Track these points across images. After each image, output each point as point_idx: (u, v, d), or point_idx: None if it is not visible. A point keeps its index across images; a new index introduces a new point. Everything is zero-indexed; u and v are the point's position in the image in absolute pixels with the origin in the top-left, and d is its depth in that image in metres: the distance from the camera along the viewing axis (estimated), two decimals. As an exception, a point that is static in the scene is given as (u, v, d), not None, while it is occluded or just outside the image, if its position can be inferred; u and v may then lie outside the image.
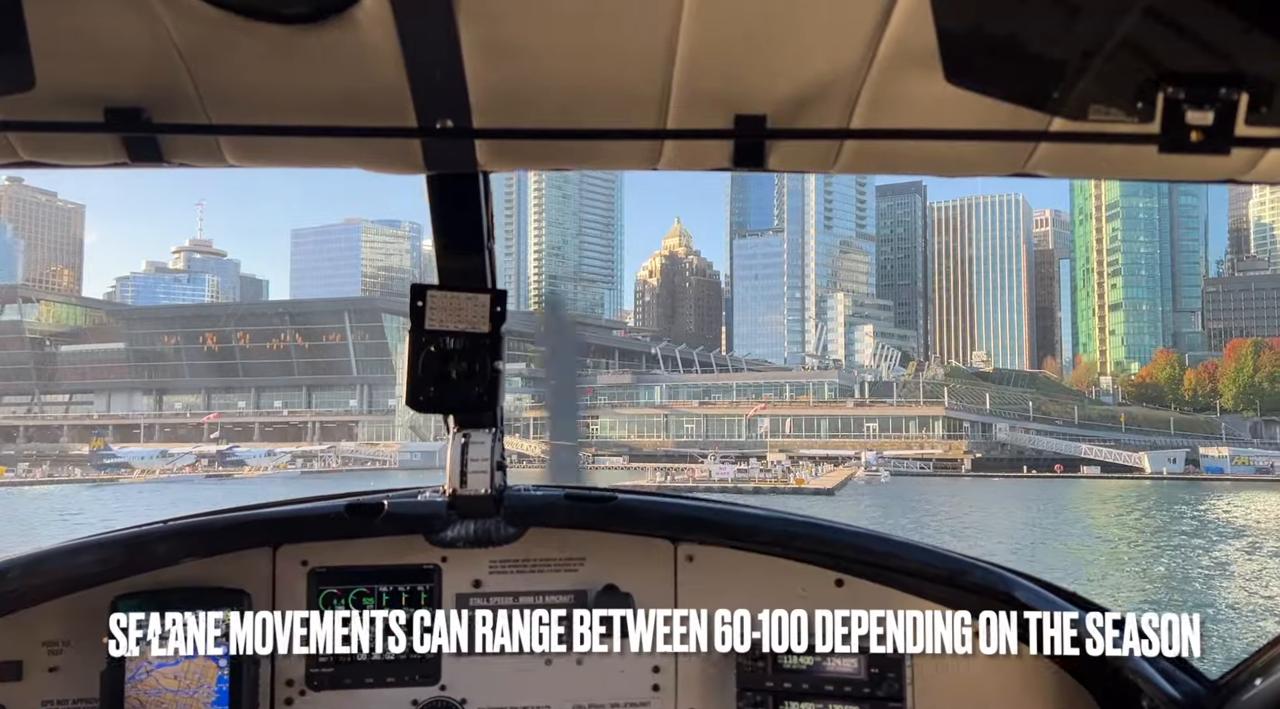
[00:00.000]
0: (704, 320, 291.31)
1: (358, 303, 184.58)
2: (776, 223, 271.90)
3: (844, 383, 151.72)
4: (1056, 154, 1.65)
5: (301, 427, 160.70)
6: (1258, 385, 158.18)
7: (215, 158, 1.75)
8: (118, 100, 1.62)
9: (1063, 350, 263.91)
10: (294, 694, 2.71)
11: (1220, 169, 1.60)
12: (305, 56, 1.51)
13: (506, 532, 2.67)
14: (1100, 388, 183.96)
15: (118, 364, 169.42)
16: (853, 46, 1.48)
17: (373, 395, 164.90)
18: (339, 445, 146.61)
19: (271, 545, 2.73)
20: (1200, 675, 2.48)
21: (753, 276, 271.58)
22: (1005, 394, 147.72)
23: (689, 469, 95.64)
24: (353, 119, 1.65)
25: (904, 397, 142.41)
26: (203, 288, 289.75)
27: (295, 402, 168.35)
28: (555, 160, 1.85)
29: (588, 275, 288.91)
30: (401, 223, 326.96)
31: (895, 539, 2.75)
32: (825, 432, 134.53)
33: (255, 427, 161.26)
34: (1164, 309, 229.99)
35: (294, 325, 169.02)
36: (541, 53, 1.52)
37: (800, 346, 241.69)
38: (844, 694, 2.59)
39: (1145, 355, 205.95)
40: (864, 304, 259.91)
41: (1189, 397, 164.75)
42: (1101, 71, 1.39)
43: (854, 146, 1.70)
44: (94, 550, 2.58)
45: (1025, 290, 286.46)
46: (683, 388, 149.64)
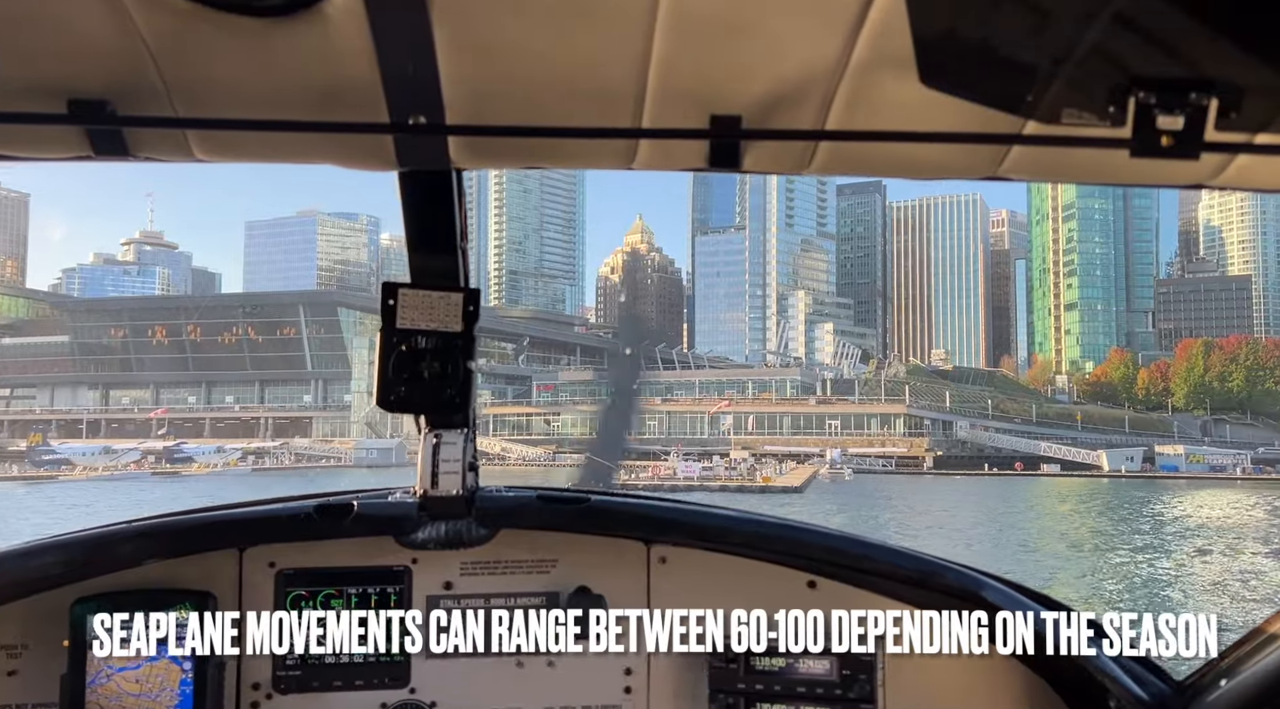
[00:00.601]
0: (665, 317, 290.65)
1: (313, 296, 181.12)
2: (738, 220, 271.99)
3: (806, 380, 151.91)
4: (1029, 158, 1.66)
5: (254, 422, 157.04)
6: (1208, 385, 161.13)
7: (183, 152, 1.72)
8: (81, 92, 1.59)
9: (1018, 349, 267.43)
10: (260, 698, 2.67)
11: (1190, 174, 1.61)
12: (276, 50, 1.49)
13: (478, 533, 2.65)
14: (1056, 386, 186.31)
15: (61, 358, 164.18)
16: (828, 48, 1.48)
17: (328, 391, 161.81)
18: (292, 442, 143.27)
19: (238, 547, 2.68)
20: (1166, 676, 2.50)
21: (714, 274, 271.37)
22: (964, 392, 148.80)
23: (653, 467, 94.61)
24: (324, 114, 1.62)
25: (866, 394, 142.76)
26: (153, 280, 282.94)
27: (248, 397, 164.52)
28: (529, 158, 1.84)
29: (549, 271, 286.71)
30: (359, 216, 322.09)
31: (867, 541, 2.77)
32: (788, 429, 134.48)
33: (206, 422, 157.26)
34: (1118, 309, 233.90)
35: (247, 319, 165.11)
36: (515, 49, 1.51)
37: (761, 344, 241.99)
38: (815, 696, 2.60)
39: (1100, 355, 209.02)
40: (824, 302, 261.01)
41: (1142, 395, 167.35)
42: (1074, 76, 1.40)
43: (829, 148, 1.70)
44: (54, 551, 2.53)
45: (982, 290, 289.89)
46: (645, 385, 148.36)
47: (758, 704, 2.64)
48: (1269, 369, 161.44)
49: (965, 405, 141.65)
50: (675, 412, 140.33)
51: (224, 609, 2.56)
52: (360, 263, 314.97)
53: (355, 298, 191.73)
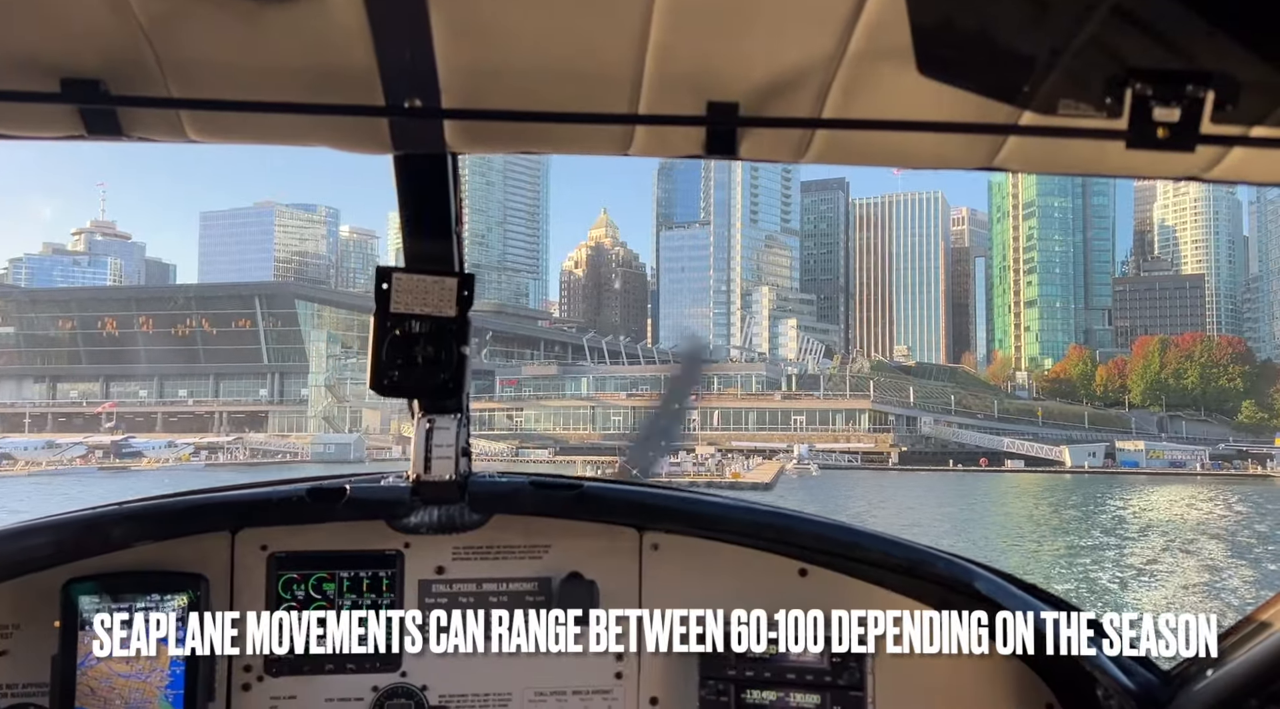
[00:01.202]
0: (630, 312, 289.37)
1: (269, 288, 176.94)
2: (703, 215, 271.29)
3: (771, 375, 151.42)
4: (1026, 148, 1.66)
5: (208, 417, 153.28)
6: (1164, 382, 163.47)
7: (176, 133, 1.71)
8: (75, 71, 1.57)
9: (978, 346, 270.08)
10: (251, 680, 2.67)
11: (1186, 166, 1.61)
12: (271, 31, 1.48)
13: (471, 518, 2.65)
14: (1016, 383, 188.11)
15: (6, 349, 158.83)
16: (826, 36, 1.48)
17: (284, 384, 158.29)
18: (247, 436, 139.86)
19: (230, 529, 2.69)
20: (1154, 667, 2.53)
21: (679, 269, 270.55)
22: (927, 388, 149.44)
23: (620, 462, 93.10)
24: (319, 96, 1.62)
25: (831, 390, 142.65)
26: (104, 271, 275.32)
27: (201, 390, 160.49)
28: (525, 143, 1.83)
29: (512, 265, 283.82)
30: (317, 207, 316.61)
31: (859, 529, 2.77)
32: (753, 424, 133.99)
33: (158, 417, 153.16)
34: (1076, 306, 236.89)
35: (201, 311, 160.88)
36: (512, 34, 1.50)
37: (726, 339, 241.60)
38: (805, 683, 2.62)
39: (1059, 351, 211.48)
40: (788, 298, 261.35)
41: (1100, 392, 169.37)
42: (1071, 67, 1.40)
43: (825, 136, 1.70)
44: (45, 532, 2.54)
45: (943, 287, 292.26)
46: (610, 379, 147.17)
47: (748, 691, 2.65)
48: (1223, 366, 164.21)
49: (928, 401, 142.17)
50: (640, 406, 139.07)
51: (216, 592, 2.59)
52: (319, 255, 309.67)
53: (313, 290, 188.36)
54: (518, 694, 2.74)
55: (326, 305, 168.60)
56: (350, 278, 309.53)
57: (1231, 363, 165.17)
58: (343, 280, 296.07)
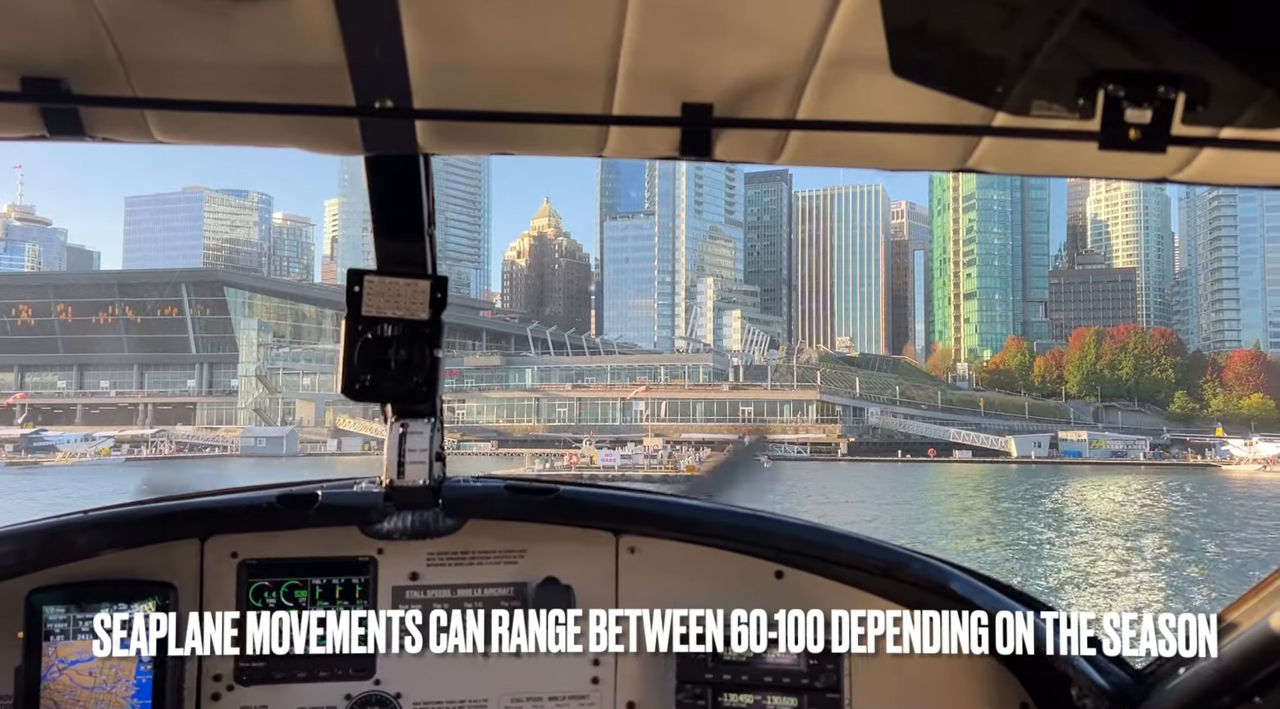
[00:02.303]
0: (573, 303, 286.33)
1: (197, 274, 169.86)
2: (647, 206, 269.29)
3: (718, 366, 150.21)
4: (999, 150, 1.67)
5: (132, 409, 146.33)
6: (1099, 373, 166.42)
7: (141, 133, 1.68)
8: (36, 69, 1.54)
9: (916, 338, 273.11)
10: (221, 689, 2.64)
11: (1157, 168, 1.62)
12: (238, 29, 1.45)
13: (445, 523, 2.63)
14: (957, 374, 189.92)
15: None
16: (800, 37, 1.47)
17: (213, 375, 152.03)
18: (173, 429, 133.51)
19: (199, 537, 2.65)
20: (1127, 665, 2.54)
21: (623, 260, 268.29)
22: (871, 379, 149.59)
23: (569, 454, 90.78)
24: (288, 96, 1.59)
25: (778, 381, 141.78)
26: (21, 257, 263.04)
27: (125, 381, 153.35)
28: (498, 143, 1.81)
29: (453, 254, 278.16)
30: (249, 193, 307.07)
31: (834, 531, 2.78)
32: (700, 415, 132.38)
33: (78, 409, 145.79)
34: (1014, 299, 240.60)
35: (124, 298, 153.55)
36: (485, 33, 1.49)
37: (670, 331, 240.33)
38: (783, 685, 2.63)
39: (997, 343, 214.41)
40: (732, 290, 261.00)
41: (1038, 383, 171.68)
42: (1043, 69, 1.41)
43: (800, 137, 1.69)
44: (8, 541, 2.48)
45: (883, 279, 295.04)
46: (555, 370, 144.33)
47: (725, 694, 2.65)
48: (1155, 358, 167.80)
49: (873, 392, 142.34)
50: (586, 398, 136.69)
51: (185, 600, 2.54)
52: (251, 242, 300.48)
53: (243, 276, 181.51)
54: (494, 700, 2.72)
55: (259, 293, 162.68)
56: (284, 266, 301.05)
57: (1164, 354, 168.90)
58: (276, 269, 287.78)
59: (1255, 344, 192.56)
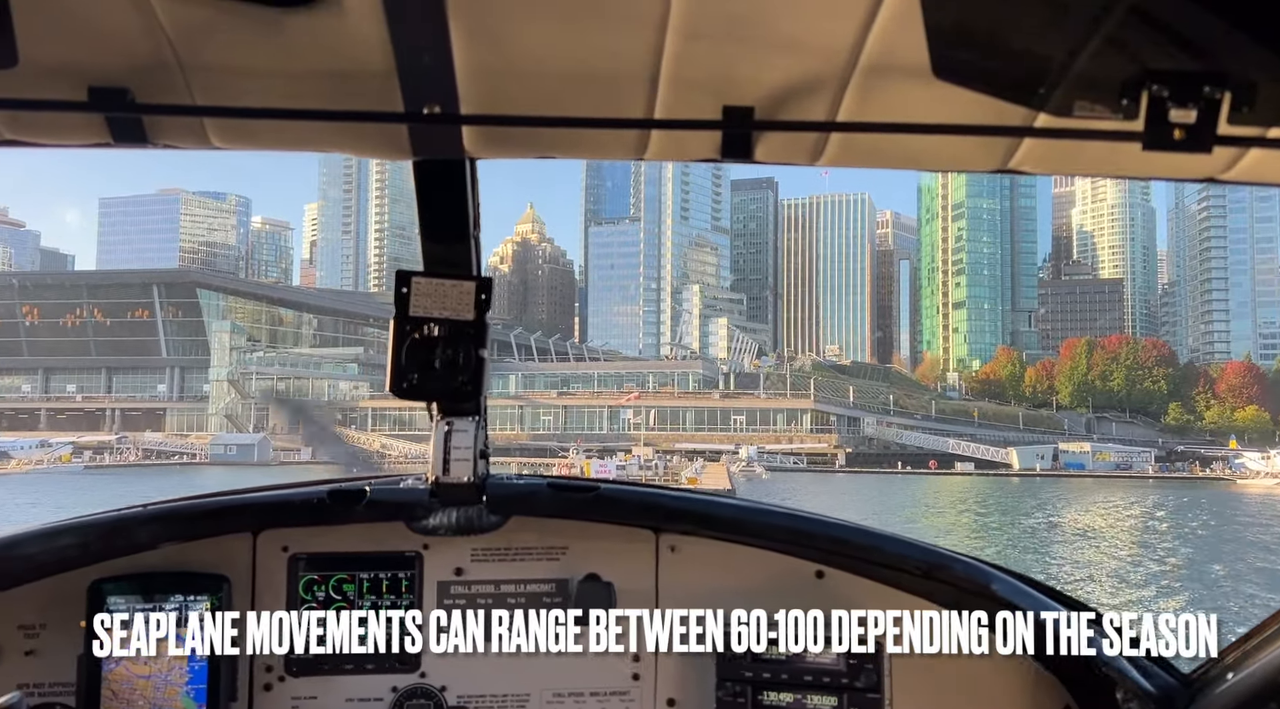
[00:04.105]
0: (557, 310, 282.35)
1: (169, 275, 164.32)
2: (633, 211, 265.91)
3: (708, 374, 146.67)
4: (1041, 150, 1.66)
5: (99, 414, 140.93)
6: (1090, 383, 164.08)
7: (200, 140, 1.72)
8: (102, 80, 1.59)
9: (901, 347, 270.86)
10: (273, 680, 2.73)
11: (1202, 168, 1.61)
12: (293, 39, 1.50)
13: (489, 520, 2.68)
14: (947, 383, 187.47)
15: None
16: (841, 40, 1.48)
17: (185, 380, 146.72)
18: (141, 436, 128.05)
19: (252, 531, 2.73)
20: (1173, 669, 2.52)
21: (608, 266, 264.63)
22: (863, 388, 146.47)
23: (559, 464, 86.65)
24: (340, 103, 1.63)
25: (770, 389, 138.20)
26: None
27: (92, 385, 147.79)
28: (542, 148, 1.83)
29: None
30: (227, 196, 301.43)
31: (875, 531, 2.78)
32: (691, 424, 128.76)
33: (42, 413, 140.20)
34: (1004, 308, 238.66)
35: (93, 299, 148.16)
36: (530, 40, 1.51)
37: (655, 338, 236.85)
38: (822, 685, 2.63)
39: (986, 353, 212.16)
40: (718, 297, 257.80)
41: (1029, 393, 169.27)
42: (1087, 68, 1.41)
43: (840, 139, 1.70)
44: (72, 533, 2.58)
45: (869, 288, 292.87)
46: (539, 377, 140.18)
47: (764, 692, 2.65)
48: (1148, 369, 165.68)
49: (866, 401, 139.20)
50: (572, 405, 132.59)
51: (238, 593, 2.65)
52: (228, 245, 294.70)
53: (216, 278, 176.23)
54: (535, 695, 2.77)
55: (234, 295, 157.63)
56: (262, 270, 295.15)
57: (1156, 365, 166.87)
58: (254, 273, 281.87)
59: (1246, 356, 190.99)
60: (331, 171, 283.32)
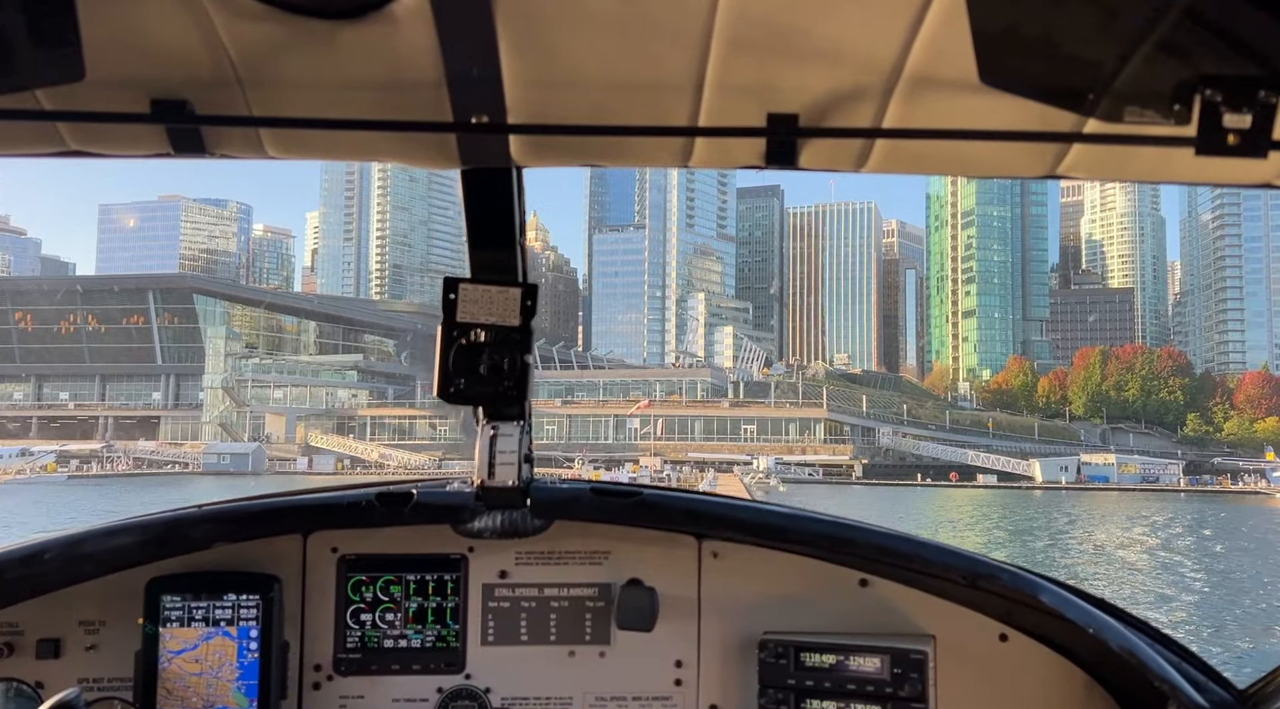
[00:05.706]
0: (560, 318, 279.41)
1: (164, 281, 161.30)
2: (638, 219, 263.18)
3: (716, 383, 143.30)
4: (1090, 156, 1.65)
5: (91, 422, 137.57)
6: (1105, 394, 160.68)
7: (256, 149, 1.79)
8: (164, 92, 1.65)
9: (907, 356, 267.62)
10: (321, 679, 2.78)
11: (1258, 173, 1.61)
12: (346, 51, 1.54)
13: (533, 524, 2.71)
14: (959, 393, 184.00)
15: None
16: (887, 46, 1.49)
17: (180, 388, 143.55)
18: (133, 444, 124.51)
19: (302, 532, 2.80)
20: (1227, 683, 2.48)
21: (613, 274, 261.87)
22: (875, 397, 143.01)
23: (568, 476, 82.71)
24: (391, 113, 1.68)
25: (780, 397, 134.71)
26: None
27: (86, 393, 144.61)
28: (588, 156, 1.86)
29: (437, 266, 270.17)
30: (228, 203, 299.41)
31: (920, 540, 2.75)
32: (699, 433, 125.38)
33: (33, 421, 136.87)
34: (1014, 317, 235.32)
35: (87, 305, 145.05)
36: (577, 50, 1.55)
37: (660, 346, 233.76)
38: (866, 694, 2.60)
39: (996, 362, 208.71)
40: (724, 305, 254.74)
41: (1042, 403, 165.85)
42: (1138, 73, 1.40)
43: (885, 146, 1.71)
44: (131, 532, 2.63)
45: (875, 297, 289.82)
46: (542, 385, 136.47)
47: (808, 700, 2.64)
48: (1163, 379, 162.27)
49: (879, 410, 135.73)
50: (577, 414, 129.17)
51: (289, 592, 2.72)
52: (229, 253, 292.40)
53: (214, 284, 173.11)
54: (578, 699, 2.79)
55: (232, 301, 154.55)
56: (263, 278, 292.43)
57: (1172, 375, 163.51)
58: (255, 280, 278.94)
59: (1264, 366, 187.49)
60: (333, 179, 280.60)
